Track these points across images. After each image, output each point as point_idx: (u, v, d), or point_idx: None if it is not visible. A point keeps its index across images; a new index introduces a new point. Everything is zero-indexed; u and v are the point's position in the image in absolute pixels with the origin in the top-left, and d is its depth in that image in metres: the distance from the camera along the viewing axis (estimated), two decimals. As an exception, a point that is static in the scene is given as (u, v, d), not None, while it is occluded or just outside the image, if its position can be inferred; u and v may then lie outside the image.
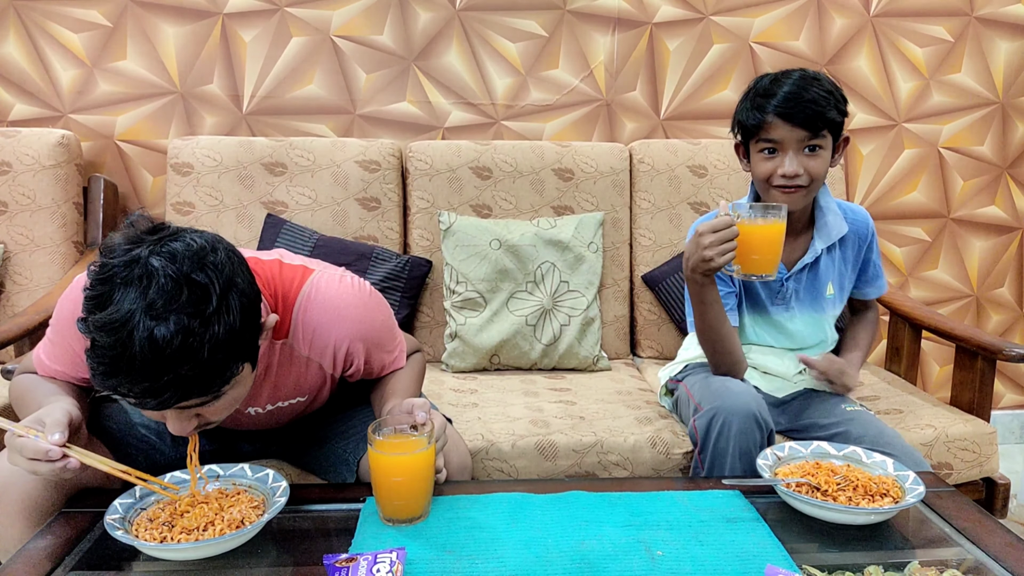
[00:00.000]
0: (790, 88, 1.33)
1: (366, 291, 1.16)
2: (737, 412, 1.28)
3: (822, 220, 1.47)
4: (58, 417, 0.94)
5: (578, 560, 0.95)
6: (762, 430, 1.29)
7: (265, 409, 1.19)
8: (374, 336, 1.17)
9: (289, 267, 1.12)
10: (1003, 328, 2.48)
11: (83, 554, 0.97)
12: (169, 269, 0.84)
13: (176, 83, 2.11)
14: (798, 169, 1.35)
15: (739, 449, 1.27)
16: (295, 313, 1.09)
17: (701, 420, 1.33)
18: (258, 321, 0.95)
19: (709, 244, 1.24)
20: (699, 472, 1.36)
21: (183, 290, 0.84)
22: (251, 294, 0.93)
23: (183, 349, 0.83)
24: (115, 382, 0.85)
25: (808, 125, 1.33)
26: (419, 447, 1.01)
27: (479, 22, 2.15)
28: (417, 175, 2.01)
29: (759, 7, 2.21)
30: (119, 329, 0.82)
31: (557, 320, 1.90)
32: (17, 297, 1.91)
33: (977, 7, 2.27)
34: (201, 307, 0.85)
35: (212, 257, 0.89)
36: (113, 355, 0.83)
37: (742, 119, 1.41)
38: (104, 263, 0.86)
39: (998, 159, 2.37)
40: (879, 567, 0.93)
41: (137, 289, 0.83)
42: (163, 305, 0.83)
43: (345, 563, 0.87)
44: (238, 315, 0.89)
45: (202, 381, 0.88)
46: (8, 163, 1.92)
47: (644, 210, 2.06)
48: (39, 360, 1.12)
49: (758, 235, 1.24)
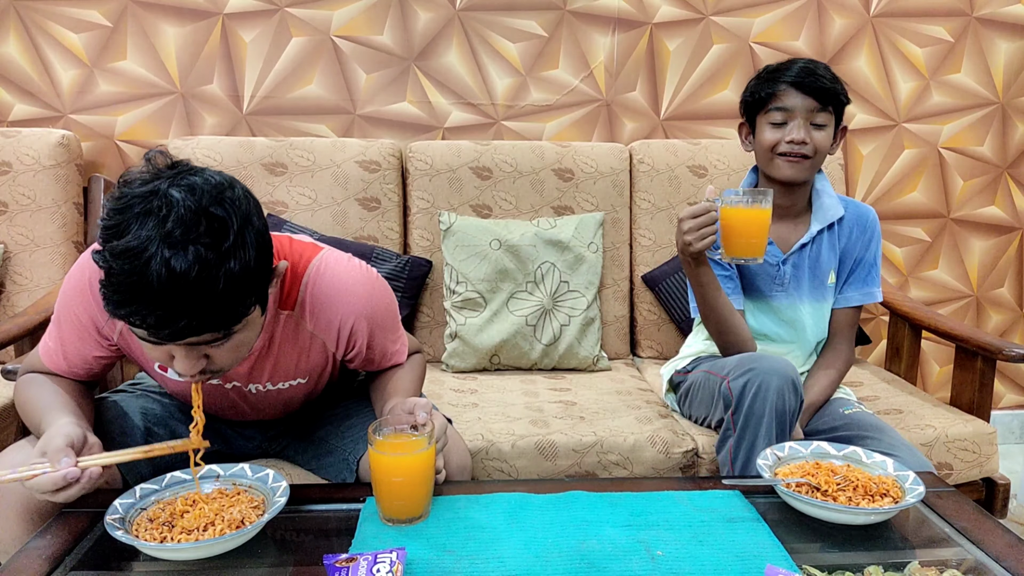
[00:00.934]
0: (803, 64, 1.42)
1: (373, 274, 1.18)
2: (776, 373, 1.28)
3: (819, 202, 1.52)
4: (59, 444, 0.94)
5: (578, 560, 0.95)
6: (798, 395, 1.29)
7: (266, 388, 1.19)
8: (379, 317, 1.18)
9: (299, 242, 1.14)
10: (1003, 328, 2.48)
11: (83, 554, 0.96)
12: (188, 201, 0.85)
13: (176, 83, 2.11)
14: (805, 137, 1.41)
15: (775, 410, 1.28)
16: (303, 286, 1.10)
17: (737, 380, 1.32)
18: (270, 263, 0.97)
19: (688, 229, 1.31)
20: (729, 433, 1.35)
21: (201, 222, 0.85)
22: (265, 235, 0.95)
23: (199, 279, 0.84)
24: (129, 310, 0.85)
25: (818, 96, 1.40)
26: (419, 447, 1.01)
27: (479, 22, 2.15)
28: (417, 175, 2.01)
29: (759, 7, 2.21)
30: (136, 257, 0.83)
31: (557, 320, 1.90)
32: (17, 297, 1.91)
33: (977, 7, 2.27)
34: (218, 240, 0.86)
35: (230, 193, 0.90)
36: (129, 282, 0.83)
37: (753, 91, 1.47)
38: (122, 193, 0.87)
39: (998, 159, 2.37)
40: (879, 567, 0.93)
41: (156, 219, 0.84)
42: (181, 235, 0.84)
43: (345, 563, 0.87)
44: (253, 252, 0.90)
45: (215, 314, 0.88)
46: (8, 163, 1.92)
47: (644, 210, 2.06)
48: (45, 349, 1.13)
49: (742, 219, 1.29)
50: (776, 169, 1.45)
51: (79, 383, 1.16)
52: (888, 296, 1.97)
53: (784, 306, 1.52)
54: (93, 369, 1.15)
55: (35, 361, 1.16)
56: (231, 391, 1.19)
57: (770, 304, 1.53)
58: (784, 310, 1.53)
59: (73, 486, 0.93)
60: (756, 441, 1.31)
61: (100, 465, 0.95)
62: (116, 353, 1.14)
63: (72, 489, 0.93)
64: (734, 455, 1.36)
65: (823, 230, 1.52)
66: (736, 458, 1.36)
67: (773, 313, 1.54)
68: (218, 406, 1.24)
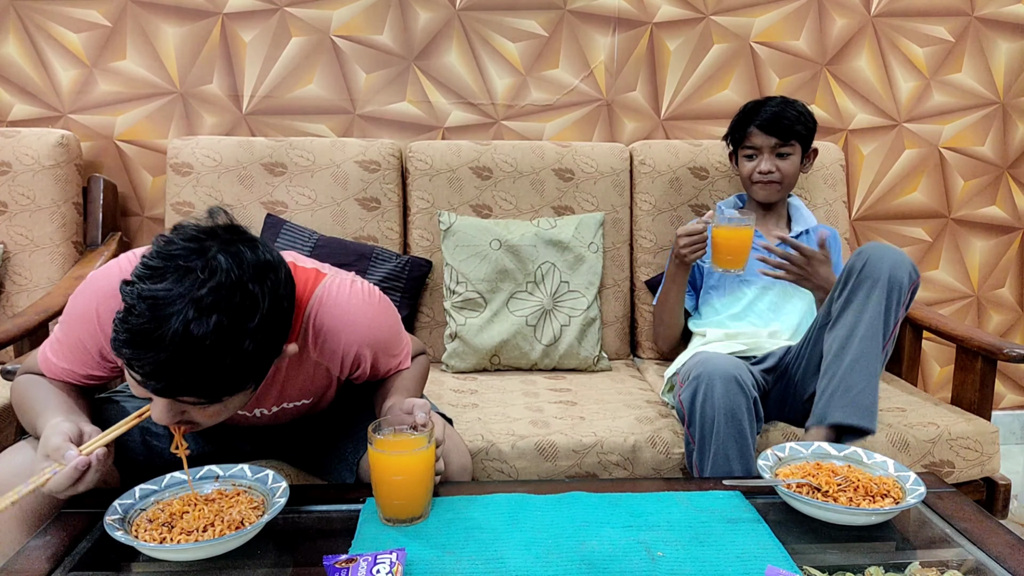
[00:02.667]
0: (770, 108, 1.74)
1: (376, 297, 1.17)
2: (718, 375, 1.36)
3: (797, 214, 1.86)
4: (57, 443, 0.94)
5: (578, 561, 0.95)
6: (745, 393, 1.36)
7: (271, 411, 1.19)
8: (382, 342, 1.19)
9: (302, 269, 1.13)
10: (1004, 328, 2.48)
11: (83, 554, 0.96)
12: (232, 271, 0.86)
13: (176, 83, 2.11)
14: (771, 167, 1.75)
15: (725, 411, 1.34)
16: (307, 317, 1.10)
17: (686, 392, 1.40)
18: (282, 345, 0.97)
19: (683, 245, 1.61)
20: (691, 446, 1.41)
21: (236, 295, 0.86)
22: (288, 322, 0.95)
23: (211, 348, 0.85)
24: (132, 352, 0.85)
25: (779, 134, 1.73)
26: (419, 446, 1.01)
27: (479, 22, 2.15)
28: (417, 175, 2.01)
29: (759, 7, 2.21)
30: (161, 307, 0.83)
31: (557, 320, 1.90)
32: (17, 297, 1.91)
33: (977, 7, 2.26)
34: (244, 318, 0.87)
35: (273, 276, 0.91)
36: (145, 328, 0.84)
37: (732, 132, 1.82)
38: (172, 240, 0.88)
39: (999, 159, 2.37)
40: (880, 568, 0.93)
41: (193, 279, 0.84)
42: (211, 303, 0.84)
43: (345, 564, 0.87)
44: (271, 337, 0.91)
45: (213, 383, 0.88)
46: (8, 163, 1.92)
47: (645, 212, 2.06)
48: (45, 358, 1.12)
49: (726, 237, 1.56)
50: (754, 192, 1.81)
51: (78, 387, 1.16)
52: (889, 296, 1.99)
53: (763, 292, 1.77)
54: (91, 384, 1.14)
55: (33, 364, 1.15)
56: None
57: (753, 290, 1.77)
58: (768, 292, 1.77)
59: (88, 473, 0.94)
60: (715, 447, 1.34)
61: (103, 445, 0.96)
62: (116, 373, 1.13)
63: (88, 475, 0.94)
64: (700, 467, 1.38)
65: (801, 233, 1.82)
66: (702, 470, 1.37)
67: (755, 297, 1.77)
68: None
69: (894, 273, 1.36)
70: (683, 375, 1.47)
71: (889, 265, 1.37)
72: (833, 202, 2.11)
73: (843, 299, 1.40)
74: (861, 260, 1.39)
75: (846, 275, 1.41)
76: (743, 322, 1.77)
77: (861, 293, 1.38)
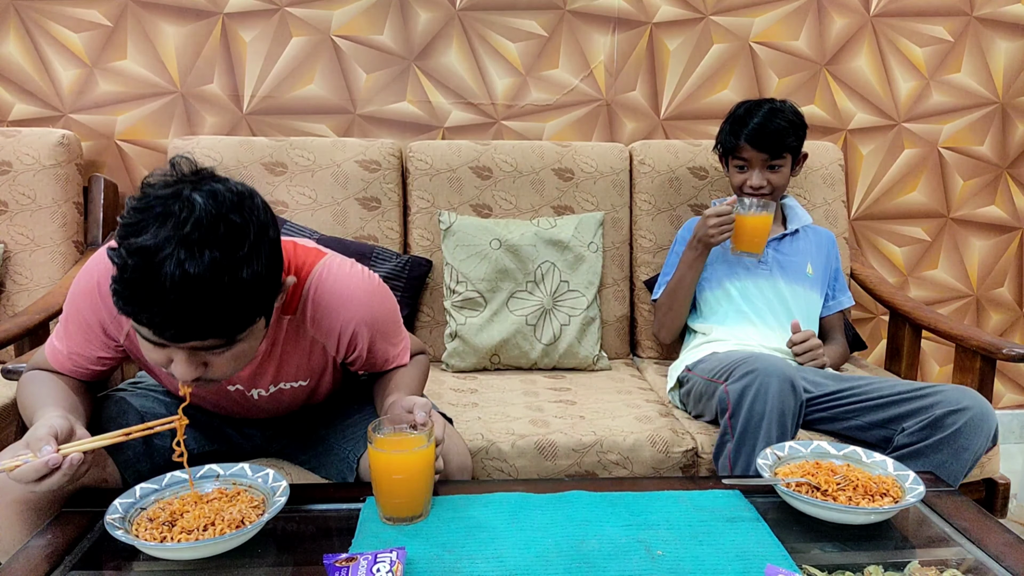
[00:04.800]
0: (759, 120, 1.70)
1: (375, 280, 1.19)
2: (774, 374, 1.34)
3: (791, 212, 1.88)
4: (41, 435, 0.94)
5: (578, 560, 0.95)
6: (796, 396, 1.35)
7: (268, 391, 1.20)
8: (380, 323, 1.19)
9: (303, 247, 1.15)
10: (1003, 328, 2.48)
11: (83, 554, 0.97)
12: (209, 206, 0.86)
13: (176, 83, 2.11)
14: (762, 182, 1.73)
15: (777, 411, 1.32)
16: (305, 291, 1.11)
17: (735, 384, 1.38)
18: (280, 276, 0.98)
19: (713, 224, 1.63)
20: (727, 438, 1.39)
21: (220, 227, 0.86)
22: (279, 248, 0.96)
23: (210, 283, 0.85)
24: (136, 308, 0.86)
25: (770, 150, 1.70)
26: (419, 445, 1.01)
27: (479, 22, 2.15)
28: (417, 175, 2.01)
29: (759, 7, 2.21)
30: (152, 256, 0.84)
31: (557, 320, 1.90)
32: (17, 297, 1.91)
33: (977, 7, 2.27)
34: (234, 247, 0.87)
35: (250, 203, 0.91)
36: (142, 280, 0.84)
37: (722, 141, 1.79)
38: (144, 193, 0.88)
39: (998, 159, 2.37)
40: (879, 567, 0.93)
41: (175, 220, 0.85)
42: (198, 239, 0.85)
43: (345, 563, 0.87)
44: (265, 263, 0.91)
45: (222, 320, 0.89)
46: (8, 163, 1.92)
47: (644, 211, 2.06)
48: (52, 349, 1.14)
49: (750, 223, 1.64)
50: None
51: (82, 382, 1.17)
52: (888, 296, 2.01)
53: (769, 283, 1.77)
54: (97, 369, 1.15)
55: (40, 359, 1.17)
56: (234, 392, 1.19)
57: (759, 282, 1.77)
58: (769, 286, 1.77)
59: (55, 473, 0.93)
60: (757, 444, 1.32)
61: (81, 451, 0.95)
62: (121, 354, 1.14)
63: (54, 476, 0.93)
64: (733, 460, 1.37)
65: (796, 231, 1.84)
66: (736, 463, 1.36)
67: (760, 289, 1.77)
68: (220, 405, 1.24)
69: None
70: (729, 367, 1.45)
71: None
72: (832, 202, 2.11)
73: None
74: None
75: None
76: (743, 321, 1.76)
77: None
